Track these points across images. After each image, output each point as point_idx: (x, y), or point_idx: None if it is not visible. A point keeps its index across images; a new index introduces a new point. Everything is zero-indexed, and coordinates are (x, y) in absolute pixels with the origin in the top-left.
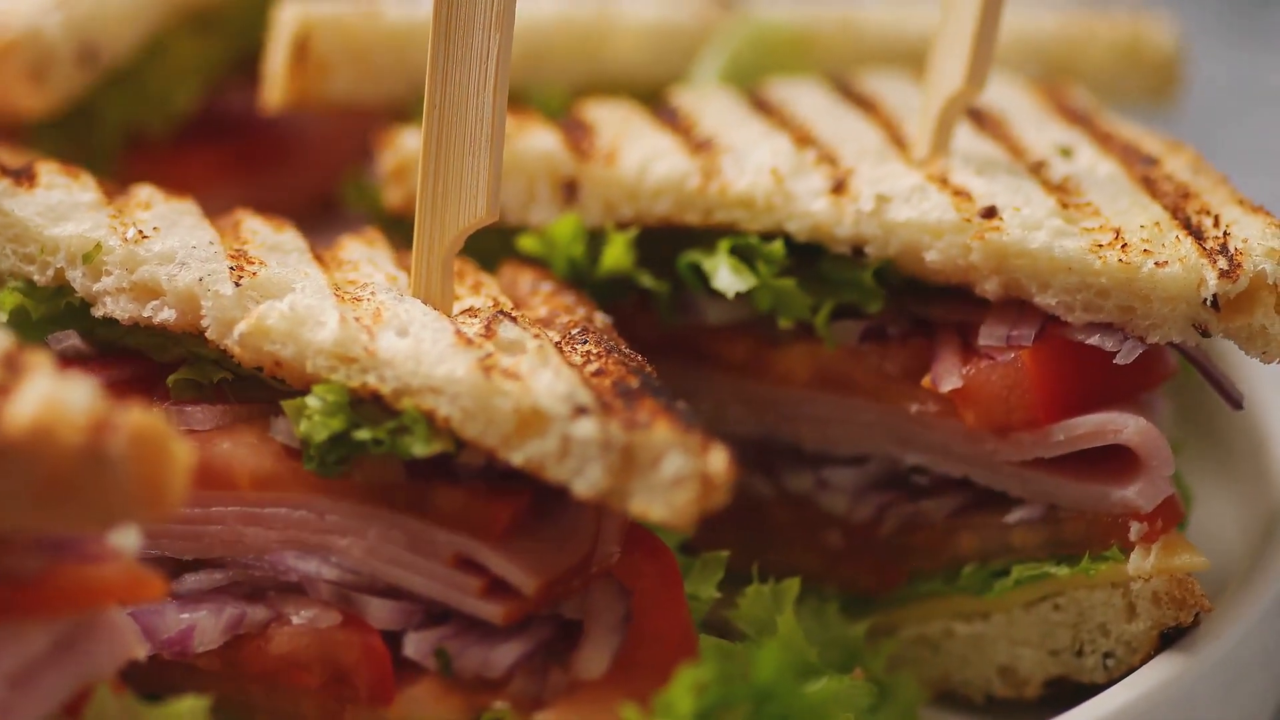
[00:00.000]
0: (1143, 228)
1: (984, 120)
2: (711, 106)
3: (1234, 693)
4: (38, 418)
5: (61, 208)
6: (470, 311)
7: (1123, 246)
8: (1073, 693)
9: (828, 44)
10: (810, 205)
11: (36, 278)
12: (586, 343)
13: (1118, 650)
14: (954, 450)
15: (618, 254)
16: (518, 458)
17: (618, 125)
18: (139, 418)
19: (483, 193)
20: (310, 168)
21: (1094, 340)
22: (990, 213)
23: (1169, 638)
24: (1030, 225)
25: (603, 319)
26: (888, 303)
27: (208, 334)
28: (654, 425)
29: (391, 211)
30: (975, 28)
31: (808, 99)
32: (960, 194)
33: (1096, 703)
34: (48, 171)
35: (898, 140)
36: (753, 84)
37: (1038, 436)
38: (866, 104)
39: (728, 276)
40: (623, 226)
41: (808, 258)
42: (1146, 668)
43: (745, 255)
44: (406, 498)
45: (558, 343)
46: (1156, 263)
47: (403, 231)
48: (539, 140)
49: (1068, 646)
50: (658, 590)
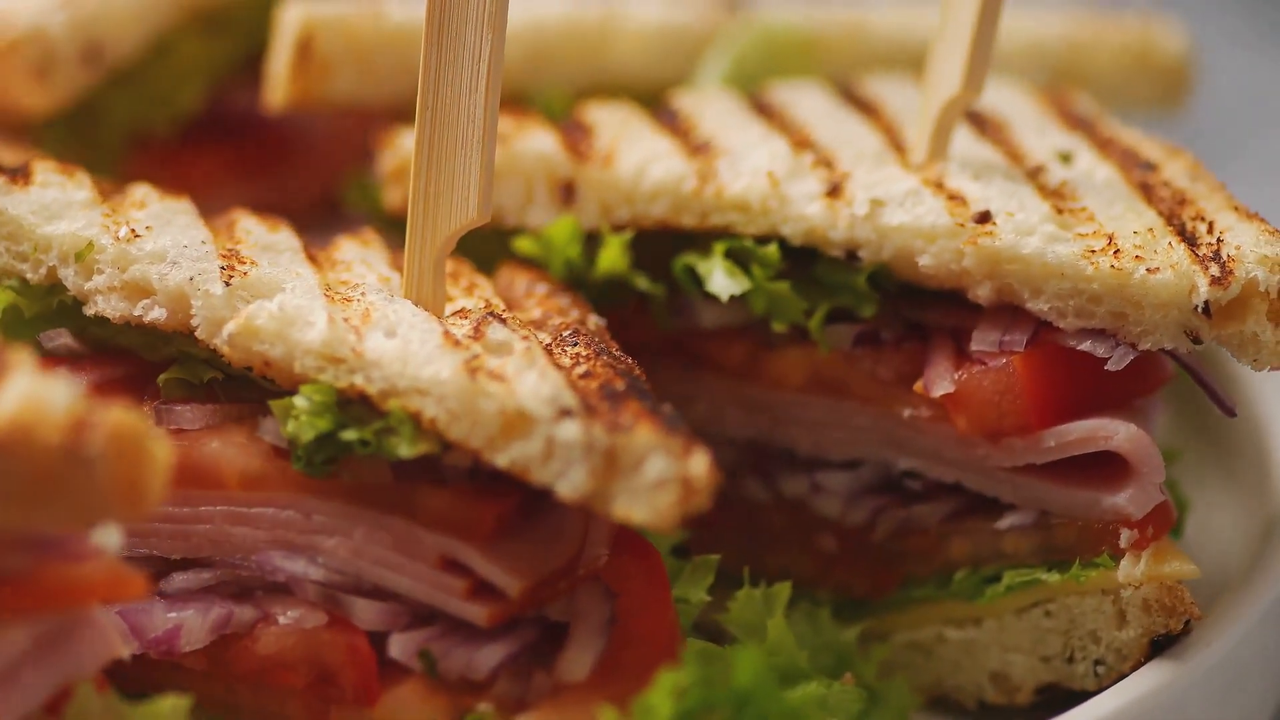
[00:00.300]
0: (1136, 234)
1: (985, 125)
2: (712, 109)
3: (1228, 700)
4: (17, 416)
5: (55, 206)
6: (462, 313)
7: (1115, 252)
8: (1064, 699)
9: (834, 47)
10: (805, 209)
11: (29, 276)
12: (576, 345)
13: (1108, 657)
14: (946, 455)
15: (613, 256)
16: (502, 459)
17: (617, 127)
18: (118, 417)
19: (474, 194)
20: (316, 168)
21: (1086, 346)
22: (984, 217)
23: (1160, 645)
24: (1023, 230)
25: (596, 321)
26: (882, 307)
27: (198, 333)
28: (637, 428)
29: (391, 212)
30: (973, 32)
31: (809, 102)
32: (955, 198)
33: (1086, 709)
34: (43, 170)
35: (897, 144)
36: (756, 87)
37: (1029, 442)
38: (868, 108)
39: (722, 279)
40: (620, 229)
41: (803, 261)
42: (1137, 674)
43: (740, 258)
44: (393, 499)
45: (548, 345)
46: (1149, 269)
47: (402, 232)
48: (537, 141)
49: (1059, 653)
50: (645, 593)
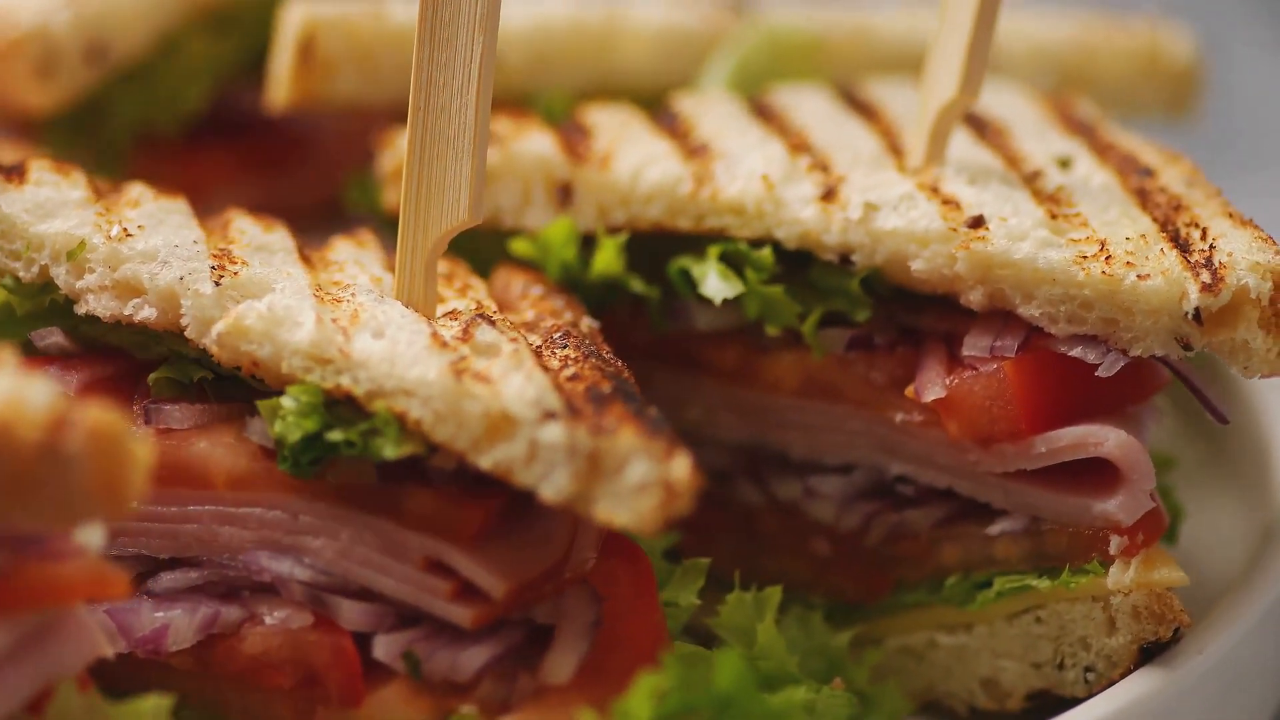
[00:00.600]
0: (1128, 240)
1: (985, 129)
2: (711, 112)
3: (1221, 707)
4: None
5: (49, 204)
6: (452, 314)
7: (1107, 258)
8: (1055, 706)
9: (840, 50)
10: (800, 212)
11: (22, 274)
12: (566, 347)
13: (1098, 664)
14: (938, 460)
15: (608, 258)
16: (486, 461)
17: (615, 129)
18: (97, 416)
19: (465, 195)
20: (323, 168)
21: (1077, 352)
22: (977, 222)
23: (1150, 652)
24: (1016, 235)
25: (589, 324)
26: (876, 311)
27: (187, 333)
28: (620, 431)
29: (390, 212)
30: (969, 35)
31: (809, 106)
32: (949, 203)
33: (1075, 715)
34: (38, 168)
35: (895, 148)
36: (758, 90)
37: (1020, 448)
38: (869, 111)
39: (715, 282)
40: (616, 231)
41: (799, 265)
42: (1128, 681)
43: (734, 262)
44: (379, 500)
45: (538, 347)
46: (1139, 275)
47: None
48: (535, 143)
49: (1049, 659)
50: (632, 597)
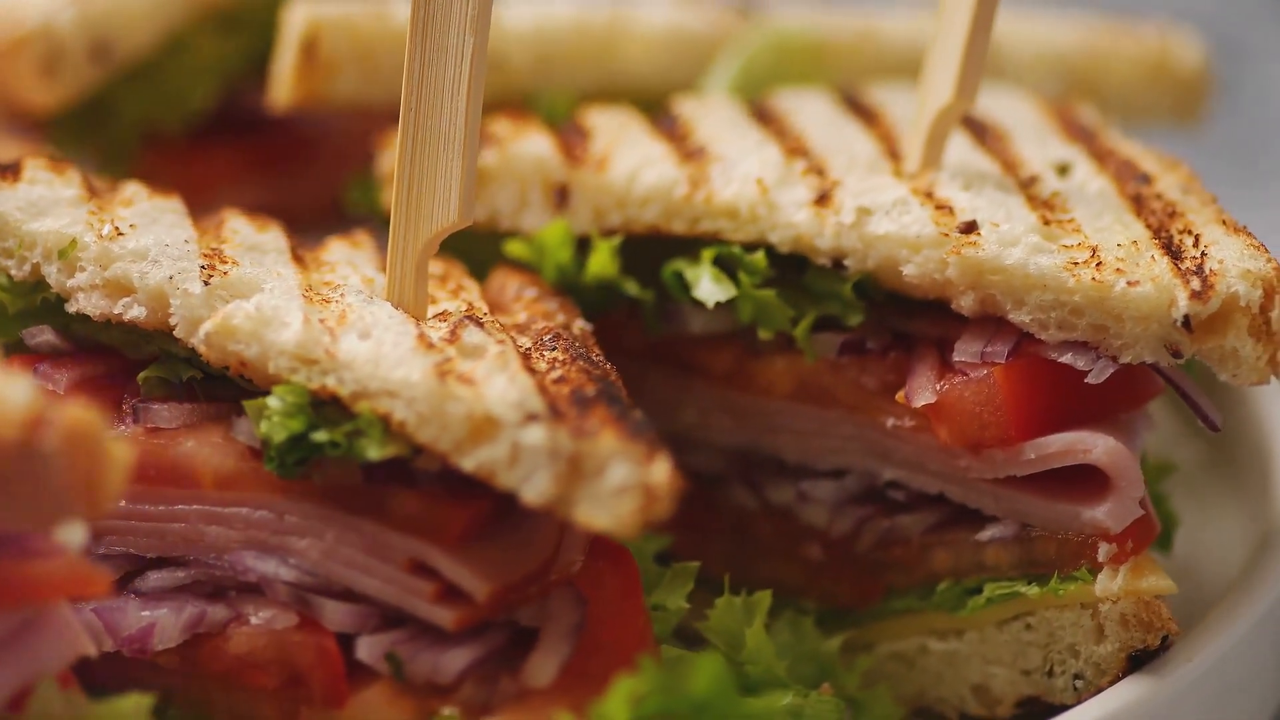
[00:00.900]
0: (1120, 246)
1: (985, 134)
2: (711, 115)
3: (1212, 716)
4: None
5: (42, 203)
6: (442, 315)
7: (1098, 265)
8: (1044, 713)
9: (846, 54)
10: (793, 216)
11: (14, 272)
12: (555, 349)
13: (1087, 672)
14: (929, 466)
15: (603, 261)
16: (469, 463)
17: (614, 132)
18: (75, 415)
19: (455, 197)
20: (329, 168)
21: (1067, 359)
22: (969, 227)
23: (1139, 660)
24: (1008, 241)
25: (581, 326)
26: (869, 316)
27: (176, 332)
28: (601, 434)
29: (388, 213)
30: (965, 41)
31: (810, 109)
32: (942, 208)
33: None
34: (33, 167)
35: (893, 153)
36: (760, 93)
37: (1010, 454)
38: (869, 115)
39: (709, 286)
40: (612, 234)
41: (793, 269)
42: (1116, 688)
43: (727, 265)
44: (364, 501)
45: (528, 349)
46: (1129, 282)
47: None
48: (532, 145)
49: (1039, 666)
50: (617, 600)
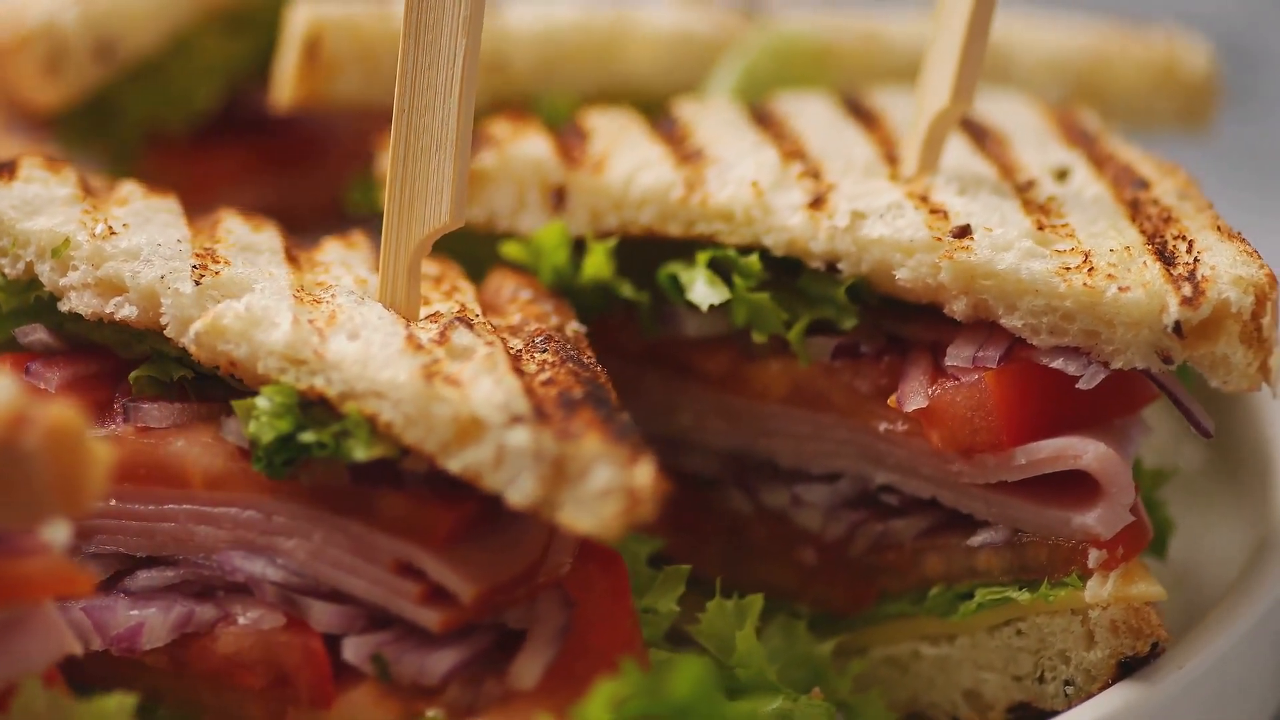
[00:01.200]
0: (1112, 251)
1: (985, 138)
2: (710, 118)
3: None
4: None
5: (37, 201)
6: (434, 317)
7: (1089, 270)
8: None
9: (850, 56)
10: (787, 219)
11: (7, 271)
12: (546, 351)
13: (1077, 678)
14: (922, 470)
15: (598, 263)
16: (455, 465)
17: (613, 134)
18: (57, 414)
19: (447, 198)
20: (336, 168)
21: (1058, 364)
22: (963, 232)
23: (1129, 667)
24: (1000, 246)
25: (575, 328)
26: (863, 320)
27: (167, 331)
28: (585, 436)
29: None
30: (962, 45)
31: (810, 112)
32: (937, 212)
33: None
34: (29, 165)
35: (891, 156)
36: (762, 96)
37: (1001, 459)
38: (870, 119)
39: (703, 289)
40: (608, 236)
41: (789, 273)
42: (1105, 695)
43: (722, 268)
44: (352, 501)
45: (519, 351)
46: (1120, 287)
47: None
48: (530, 146)
49: (1030, 672)
50: (605, 603)
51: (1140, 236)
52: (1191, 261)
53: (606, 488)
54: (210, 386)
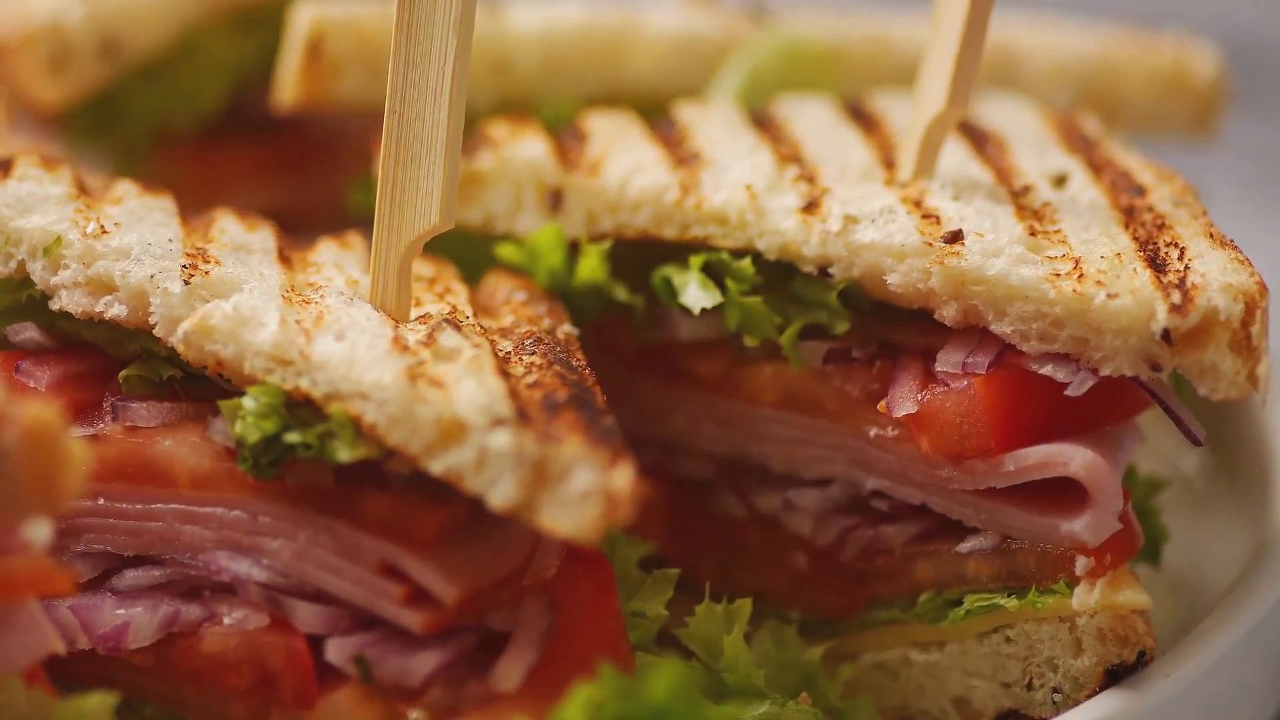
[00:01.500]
0: (1103, 258)
1: (984, 143)
2: (710, 121)
3: None
4: None
5: (30, 200)
6: (423, 318)
7: (1079, 277)
8: None
9: (856, 60)
10: (781, 223)
11: (0, 269)
12: (534, 354)
13: (1065, 685)
14: (912, 476)
15: (592, 266)
16: (438, 467)
17: (611, 136)
18: (34, 413)
19: (437, 200)
20: (342, 169)
21: (1047, 370)
22: (954, 237)
23: (1116, 675)
24: (991, 252)
25: (567, 331)
26: (856, 325)
27: (156, 331)
28: (566, 439)
29: None
30: (957, 49)
31: (809, 116)
32: (929, 217)
33: None
34: (24, 163)
35: (888, 161)
36: (764, 100)
37: (990, 465)
38: (869, 123)
39: (695, 292)
40: (604, 238)
41: (783, 277)
42: (1091, 703)
43: (715, 272)
44: (337, 503)
45: (508, 353)
46: (1109, 294)
47: None
48: (528, 148)
49: (1018, 679)
50: (590, 606)
51: (1133, 243)
52: (1182, 269)
53: (586, 491)
54: (200, 386)
